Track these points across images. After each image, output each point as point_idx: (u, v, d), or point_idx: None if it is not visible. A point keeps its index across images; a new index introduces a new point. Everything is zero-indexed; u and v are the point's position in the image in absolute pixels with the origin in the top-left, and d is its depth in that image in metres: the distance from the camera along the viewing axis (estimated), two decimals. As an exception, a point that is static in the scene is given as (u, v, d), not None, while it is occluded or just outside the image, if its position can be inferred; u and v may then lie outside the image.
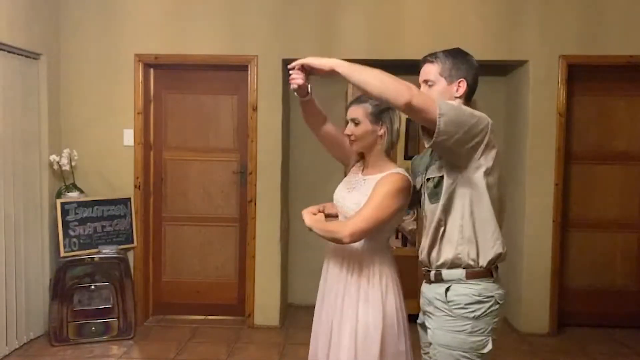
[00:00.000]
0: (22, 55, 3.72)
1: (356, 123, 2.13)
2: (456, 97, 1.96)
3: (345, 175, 2.35)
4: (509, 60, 4.16)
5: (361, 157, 2.26)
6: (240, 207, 4.37)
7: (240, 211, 4.37)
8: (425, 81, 2.00)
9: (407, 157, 4.28)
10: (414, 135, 4.31)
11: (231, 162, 4.38)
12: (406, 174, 2.11)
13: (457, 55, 2.00)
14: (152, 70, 4.31)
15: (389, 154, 2.21)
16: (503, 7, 4.06)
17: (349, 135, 2.15)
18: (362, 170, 2.23)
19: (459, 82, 1.97)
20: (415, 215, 4.17)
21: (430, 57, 2.01)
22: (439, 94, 1.95)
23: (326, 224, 2.10)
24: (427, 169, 2.02)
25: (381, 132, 2.13)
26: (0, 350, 3.50)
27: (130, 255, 4.18)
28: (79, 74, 4.15)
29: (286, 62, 4.22)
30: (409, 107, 1.72)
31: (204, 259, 4.42)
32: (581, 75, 4.18)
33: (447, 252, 1.91)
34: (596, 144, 4.31)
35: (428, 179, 1.97)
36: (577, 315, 4.30)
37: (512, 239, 4.16)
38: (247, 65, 4.14)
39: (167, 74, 4.33)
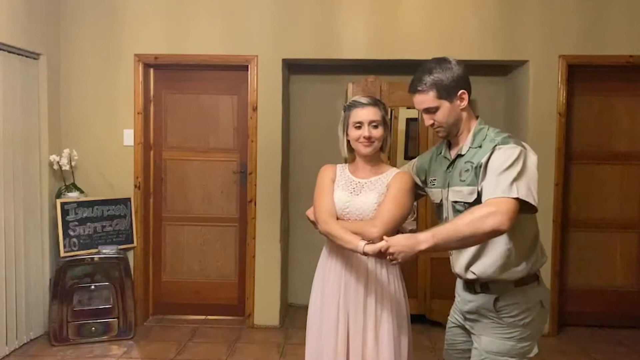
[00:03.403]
0: (22, 55, 3.72)
1: (375, 126, 2.14)
2: (462, 110, 1.94)
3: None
4: (509, 60, 4.16)
5: (351, 160, 2.27)
6: (240, 207, 4.37)
7: (240, 211, 4.37)
8: (427, 109, 1.95)
9: (407, 157, 4.28)
10: (414, 135, 4.31)
11: (231, 162, 4.38)
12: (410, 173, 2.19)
13: (444, 70, 1.91)
14: (152, 70, 4.30)
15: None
16: (503, 7, 4.06)
17: (368, 138, 2.13)
18: (355, 173, 2.22)
19: (461, 95, 1.93)
20: (416, 215, 4.17)
21: (420, 87, 1.93)
22: (447, 114, 1.92)
23: (349, 225, 2.09)
24: (447, 184, 1.97)
25: (386, 134, 2.19)
26: (0, 350, 3.50)
27: (130, 255, 4.17)
28: (79, 74, 4.15)
29: (286, 62, 4.23)
30: (502, 224, 1.69)
31: (204, 259, 4.42)
32: (581, 75, 4.17)
33: (491, 267, 1.86)
34: (596, 144, 4.31)
35: (455, 202, 1.91)
36: (577, 315, 4.30)
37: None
38: (247, 65, 4.14)
39: (167, 74, 4.33)
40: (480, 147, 1.88)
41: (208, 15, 4.12)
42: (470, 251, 1.89)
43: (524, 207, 1.75)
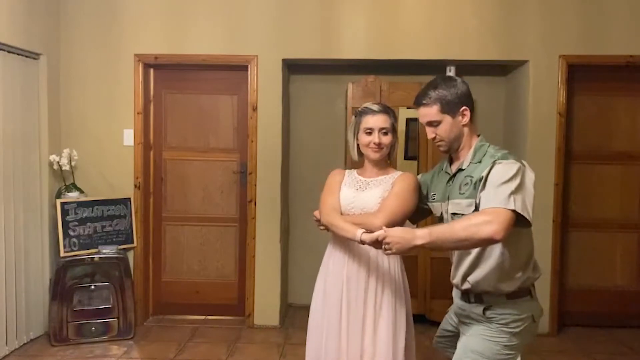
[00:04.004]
0: (22, 55, 3.72)
1: (385, 132, 2.25)
2: (463, 126, 2.00)
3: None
4: (509, 60, 4.16)
5: (360, 165, 2.37)
6: (240, 207, 4.37)
7: (240, 211, 4.37)
8: (430, 122, 2.03)
9: (407, 157, 4.28)
10: (414, 135, 4.31)
11: (231, 162, 4.38)
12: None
13: (448, 87, 2.00)
14: (152, 70, 4.30)
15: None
16: (503, 7, 4.05)
17: (378, 144, 2.23)
18: (362, 174, 2.33)
19: (463, 112, 2.00)
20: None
21: (425, 100, 2.01)
22: (449, 129, 2.00)
23: (354, 218, 2.16)
24: (447, 197, 2.03)
25: (394, 140, 2.30)
26: (0, 350, 3.50)
27: (130, 255, 4.18)
28: (79, 74, 4.15)
29: (286, 62, 4.23)
30: (497, 233, 1.74)
31: (204, 259, 4.42)
32: (581, 75, 4.17)
33: (485, 277, 1.93)
34: (596, 144, 4.31)
35: (454, 214, 1.98)
36: (577, 315, 4.30)
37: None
38: (247, 65, 4.14)
39: (167, 74, 4.33)
40: (480, 162, 1.95)
41: (208, 15, 4.12)
42: (467, 262, 1.96)
43: (518, 221, 1.80)
